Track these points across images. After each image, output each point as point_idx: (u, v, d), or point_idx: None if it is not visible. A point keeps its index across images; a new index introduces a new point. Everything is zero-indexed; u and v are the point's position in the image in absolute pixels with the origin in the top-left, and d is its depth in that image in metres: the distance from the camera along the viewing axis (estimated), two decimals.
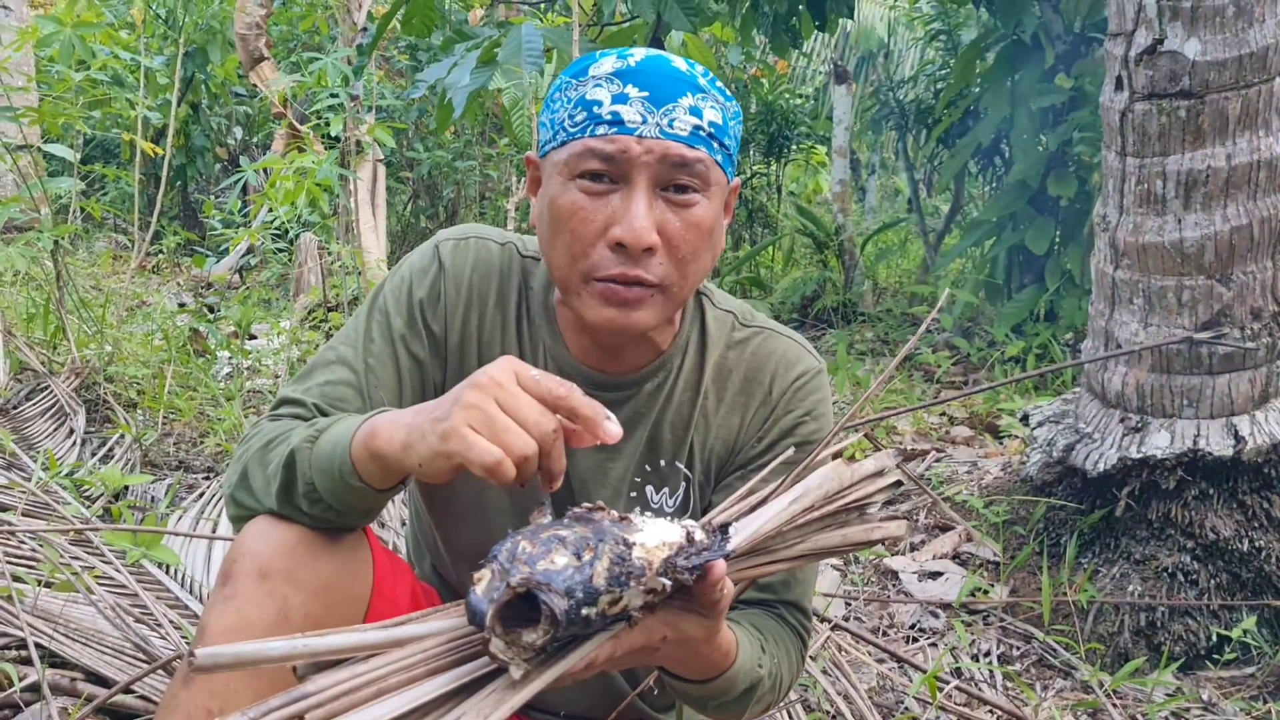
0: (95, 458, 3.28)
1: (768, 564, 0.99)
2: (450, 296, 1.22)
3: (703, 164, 1.08)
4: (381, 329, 1.20)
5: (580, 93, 1.08)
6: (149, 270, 7.65)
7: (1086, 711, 2.18)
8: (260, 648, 0.76)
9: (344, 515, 1.05)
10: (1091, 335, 2.64)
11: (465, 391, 0.90)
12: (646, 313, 1.11)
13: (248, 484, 1.09)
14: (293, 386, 1.18)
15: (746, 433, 1.26)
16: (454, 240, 1.24)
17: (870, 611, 2.61)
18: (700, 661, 1.02)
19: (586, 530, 0.82)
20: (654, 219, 1.07)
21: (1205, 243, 2.33)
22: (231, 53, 8.39)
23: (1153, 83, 2.35)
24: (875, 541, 1.04)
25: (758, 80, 9.15)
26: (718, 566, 0.86)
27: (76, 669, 1.69)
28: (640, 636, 0.88)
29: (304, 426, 1.07)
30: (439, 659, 0.80)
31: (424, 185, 10.29)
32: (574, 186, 1.08)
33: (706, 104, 1.09)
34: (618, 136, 1.06)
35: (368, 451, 0.98)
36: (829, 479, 1.01)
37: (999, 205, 5.39)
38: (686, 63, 1.10)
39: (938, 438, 3.90)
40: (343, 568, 1.08)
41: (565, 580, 0.76)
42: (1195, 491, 2.38)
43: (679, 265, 1.10)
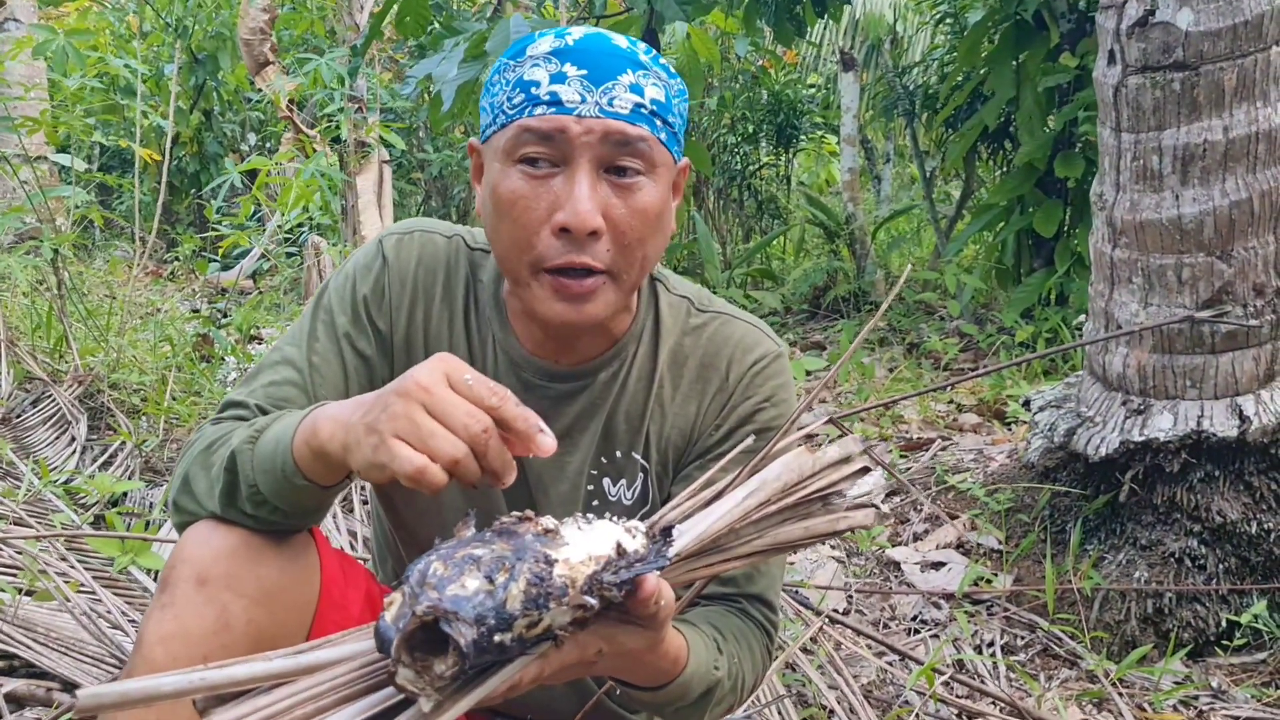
0: (95, 465, 3.28)
1: (723, 561, 0.95)
2: (395, 292, 1.19)
3: (645, 142, 1.04)
4: (327, 327, 1.17)
5: (518, 74, 1.05)
6: (164, 278, 7.69)
7: (1092, 701, 2.13)
8: (152, 684, 0.71)
9: (290, 515, 1.03)
10: (1091, 316, 2.58)
11: (392, 399, 0.86)
12: (598, 304, 1.08)
13: (189, 489, 1.06)
14: (238, 389, 1.16)
15: (704, 421, 1.22)
16: (398, 235, 1.21)
17: (872, 603, 2.56)
18: (646, 671, 0.98)
19: (507, 547, 0.77)
20: (598, 202, 1.03)
21: (1204, 219, 2.27)
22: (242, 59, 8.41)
23: (1146, 55, 2.29)
24: (841, 532, 0.99)
25: (766, 71, 9.08)
26: (648, 582, 0.81)
27: (54, 679, 1.67)
28: (573, 653, 0.83)
29: (244, 427, 1.04)
30: (351, 685, 0.75)
31: (435, 186, 10.29)
32: (515, 172, 1.05)
33: (648, 81, 1.05)
34: (556, 116, 1.02)
35: (310, 450, 0.95)
36: (788, 469, 0.96)
37: (1007, 189, 5.32)
38: (627, 40, 1.07)
39: (945, 426, 3.84)
40: (287, 572, 1.05)
41: (475, 607, 0.71)
42: (1201, 474, 2.32)
43: (626, 250, 1.06)
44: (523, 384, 1.20)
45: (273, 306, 6.74)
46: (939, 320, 5.78)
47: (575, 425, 1.22)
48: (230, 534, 1.04)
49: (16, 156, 4.15)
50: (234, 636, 1.01)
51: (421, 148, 9.62)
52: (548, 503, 1.22)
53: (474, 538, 0.79)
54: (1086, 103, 4.76)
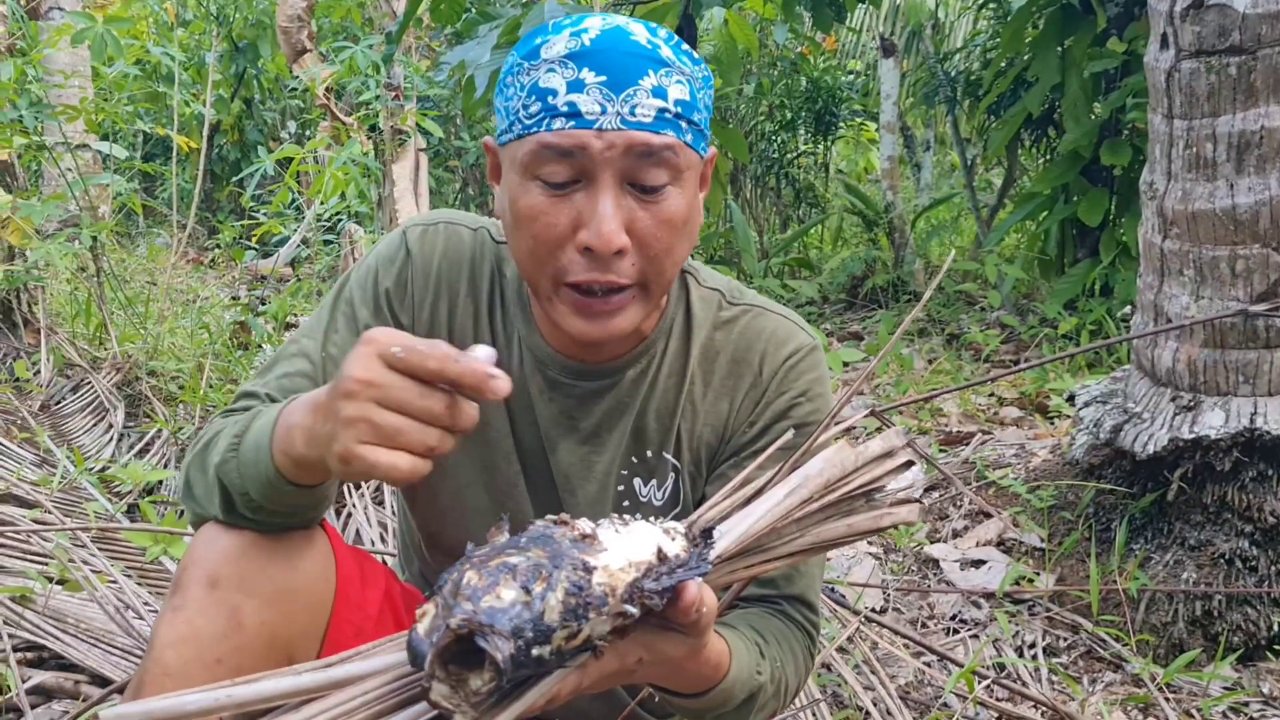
0: (132, 452, 3.30)
1: (765, 562, 0.91)
2: (418, 285, 1.16)
3: (671, 150, 0.99)
4: (347, 319, 1.15)
5: (533, 78, 0.99)
6: (205, 264, 7.76)
7: (1138, 706, 2.07)
8: (176, 703, 0.68)
9: (291, 516, 1.00)
10: (1140, 310, 2.51)
11: (340, 404, 0.80)
12: (624, 319, 1.04)
13: (192, 493, 1.05)
14: (254, 380, 1.14)
15: (737, 418, 1.18)
16: (422, 226, 1.18)
17: (910, 602, 2.51)
18: (686, 678, 0.95)
19: (543, 553, 0.73)
20: (622, 218, 0.98)
21: (1260, 208, 2.19)
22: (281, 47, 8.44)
23: (1200, 39, 2.21)
24: (884, 529, 0.96)
25: (804, 57, 8.97)
26: (689, 590, 0.77)
27: (82, 671, 1.66)
28: (612, 662, 0.80)
29: (230, 426, 1.01)
30: (384, 700, 0.72)
31: (472, 174, 10.30)
32: (534, 187, 1.00)
33: (671, 80, 0.99)
34: (575, 131, 0.97)
35: (290, 459, 0.92)
36: (830, 465, 0.92)
37: (1051, 177, 5.20)
38: (647, 29, 1.01)
39: (985, 419, 3.77)
40: (300, 571, 1.03)
41: (512, 620, 0.67)
42: (1253, 473, 2.24)
43: (653, 261, 1.02)
44: (549, 382, 1.17)
45: (310, 294, 6.77)
46: (979, 311, 5.68)
47: (603, 424, 1.18)
48: (239, 535, 1.01)
49: (59, 144, 4.18)
50: (246, 638, 0.99)
51: (458, 135, 9.61)
52: (575, 504, 1.18)
53: (508, 544, 0.75)
54: (1134, 89, 4.64)
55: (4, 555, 1.98)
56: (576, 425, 1.18)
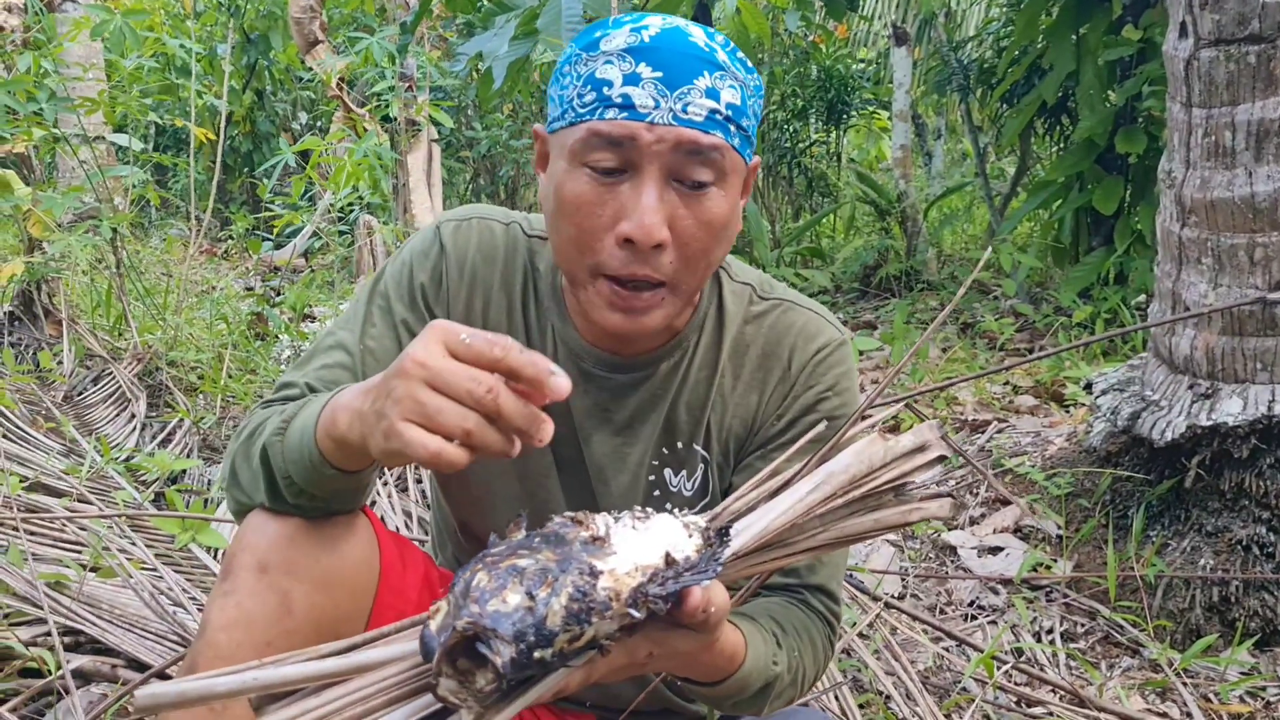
0: (155, 442, 3.34)
1: (788, 555, 0.92)
2: (453, 280, 1.18)
3: (718, 150, 1.01)
4: (383, 313, 1.17)
5: (590, 69, 1.01)
6: (219, 256, 7.79)
7: (1155, 691, 2.09)
8: (207, 684, 0.71)
9: (332, 501, 1.02)
10: (1158, 297, 2.52)
11: (394, 382, 0.82)
12: (655, 316, 1.06)
13: (237, 481, 1.07)
14: (292, 370, 1.15)
15: (765, 410, 1.20)
16: (455, 221, 1.20)
17: (928, 588, 2.53)
18: (700, 669, 0.97)
19: (552, 556, 0.75)
20: (664, 213, 1.00)
21: (1278, 197, 2.20)
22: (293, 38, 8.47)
23: (1219, 27, 2.21)
24: (914, 523, 0.96)
25: (816, 46, 8.96)
26: (693, 595, 0.79)
27: (118, 655, 1.70)
28: (621, 656, 0.82)
29: (275, 415, 1.03)
30: (401, 687, 0.74)
31: (483, 164, 10.31)
32: (581, 174, 1.02)
33: (725, 84, 1.01)
34: (627, 122, 0.98)
35: (332, 441, 0.94)
36: (858, 460, 0.92)
37: (1065, 165, 5.20)
38: (705, 33, 1.02)
39: (1000, 407, 3.78)
40: (346, 557, 1.05)
41: (515, 624, 0.70)
42: (1270, 459, 2.25)
43: (689, 261, 1.04)
44: (583, 374, 1.19)
45: (325, 285, 6.80)
46: (993, 300, 5.69)
47: (636, 416, 1.20)
48: (287, 522, 1.04)
49: (75, 136, 4.21)
50: (296, 622, 1.01)
51: (470, 125, 9.63)
52: (608, 494, 1.20)
53: (521, 543, 0.77)
54: (1150, 76, 4.64)
55: (38, 543, 2.02)
56: (610, 417, 1.20)
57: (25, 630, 1.69)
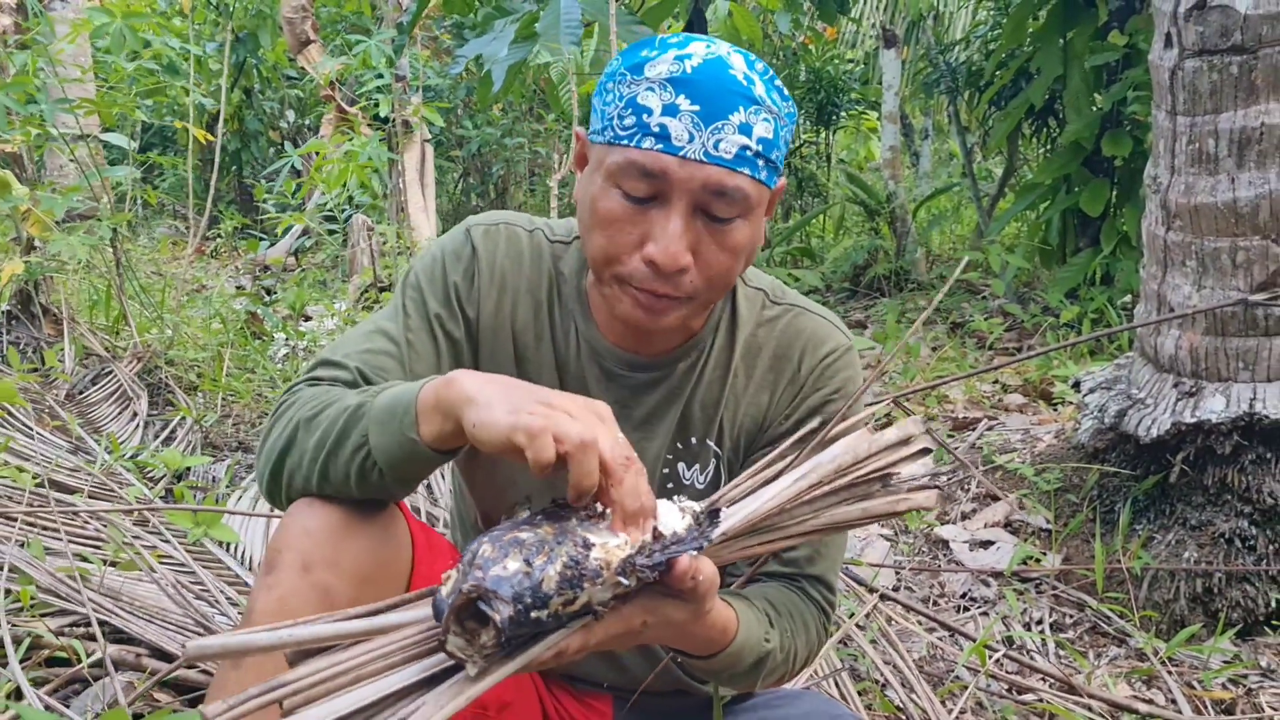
0: (158, 440, 3.38)
1: (780, 539, 0.99)
2: (484, 282, 1.23)
3: (742, 191, 1.07)
4: (417, 307, 1.21)
5: (634, 93, 1.07)
6: (208, 255, 7.81)
7: (1141, 679, 2.16)
8: (247, 639, 0.79)
9: (384, 479, 1.04)
10: (1144, 299, 2.59)
11: (550, 393, 0.92)
12: (673, 318, 1.12)
13: (291, 451, 1.08)
14: (331, 350, 1.18)
15: (775, 410, 1.26)
16: (484, 226, 1.25)
17: (921, 581, 2.60)
18: (693, 640, 1.03)
19: (551, 530, 0.84)
20: (689, 241, 1.07)
21: (1260, 202, 2.28)
22: (282, 37, 8.49)
23: (1203, 39, 2.29)
24: (901, 513, 1.02)
25: (806, 48, 9.04)
26: (680, 562, 0.87)
27: (141, 645, 1.74)
28: (617, 624, 0.89)
29: (341, 398, 1.07)
30: (416, 647, 0.83)
31: (474, 163, 10.35)
32: (615, 194, 1.08)
33: (759, 118, 1.07)
34: (661, 155, 1.05)
35: (436, 396, 0.98)
36: (845, 452, 1.00)
37: (1053, 167, 5.29)
38: (746, 63, 1.08)
39: (990, 406, 3.86)
40: (383, 547, 1.10)
41: (513, 587, 0.78)
42: (1252, 456, 2.33)
43: (710, 280, 1.10)
44: (604, 373, 1.25)
45: (316, 284, 6.83)
46: (981, 300, 5.77)
47: (654, 413, 1.26)
48: (329, 514, 1.07)
49: (69, 135, 4.23)
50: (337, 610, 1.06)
51: (459, 124, 9.67)
52: None
53: (524, 520, 0.86)
54: (1135, 81, 4.72)
55: (53, 538, 2.06)
56: (630, 413, 1.26)
57: (51, 621, 1.74)
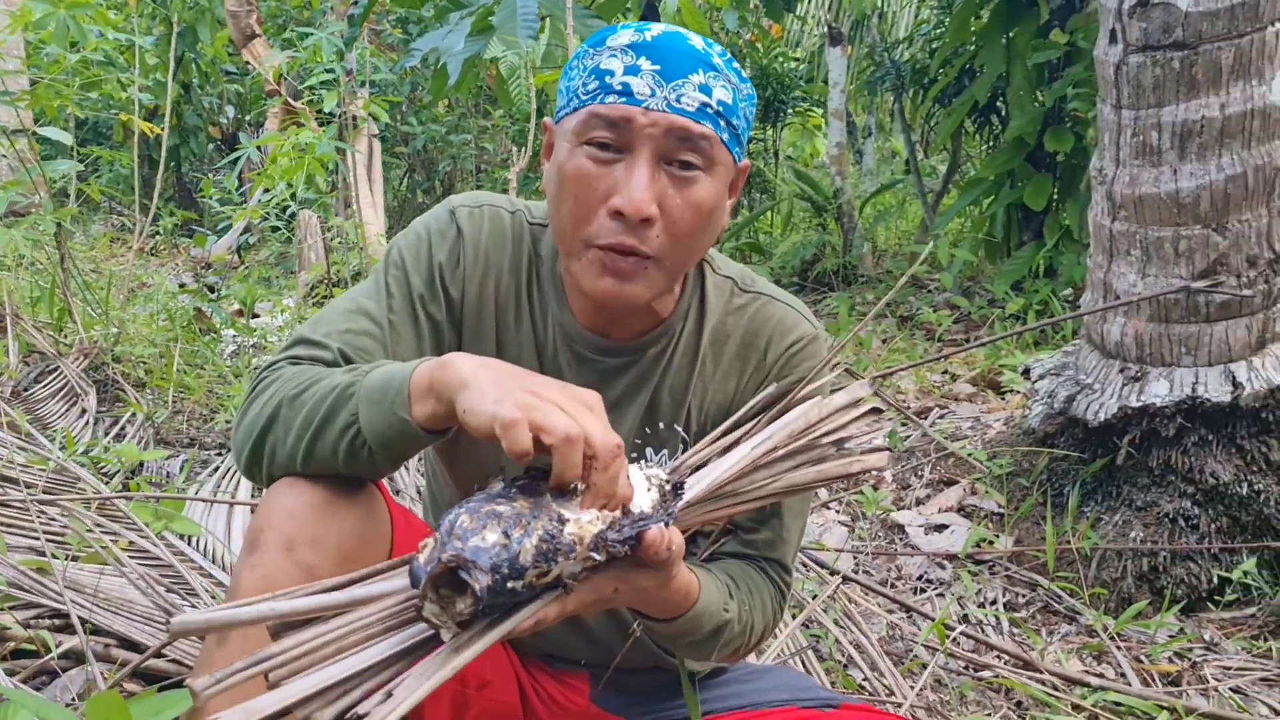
0: (109, 436, 3.32)
1: (743, 503, 1.03)
2: (469, 262, 1.24)
3: (707, 140, 1.10)
4: (400, 286, 1.21)
5: (595, 62, 1.11)
6: (147, 252, 7.67)
7: (1091, 654, 2.23)
8: (232, 613, 0.81)
9: (373, 457, 1.05)
10: (1090, 287, 2.67)
11: (525, 397, 0.92)
12: (642, 286, 1.13)
13: (274, 428, 1.08)
14: (310, 328, 1.17)
15: (742, 396, 1.29)
16: (469, 207, 1.26)
17: (878, 565, 2.66)
18: (659, 604, 1.07)
19: (527, 504, 0.86)
20: (655, 191, 1.09)
21: (1201, 192, 2.36)
22: (221, 30, 8.36)
23: (1146, 35, 2.37)
24: (855, 474, 1.07)
25: (753, 45, 9.11)
26: (649, 535, 0.91)
27: (110, 636, 1.73)
28: (590, 592, 0.93)
29: (328, 377, 1.07)
30: (397, 617, 0.85)
31: (420, 160, 10.27)
32: (581, 153, 1.10)
33: (717, 83, 1.10)
34: (624, 106, 1.08)
35: (430, 378, 0.99)
36: (798, 418, 1.05)
37: (996, 163, 5.40)
38: (704, 41, 1.12)
39: (941, 395, 3.94)
40: (364, 526, 1.10)
41: (491, 558, 0.81)
42: (1195, 438, 2.42)
43: (676, 240, 1.12)
44: (576, 357, 1.27)
45: (261, 281, 6.75)
46: (928, 293, 5.88)
47: (623, 398, 1.28)
48: (313, 494, 1.07)
49: (7, 129, 4.13)
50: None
51: (405, 120, 9.59)
52: None
53: (499, 492, 0.88)
54: (1075, 79, 4.85)
55: (11, 532, 2.03)
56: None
57: (15, 614, 1.71)
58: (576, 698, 1.38)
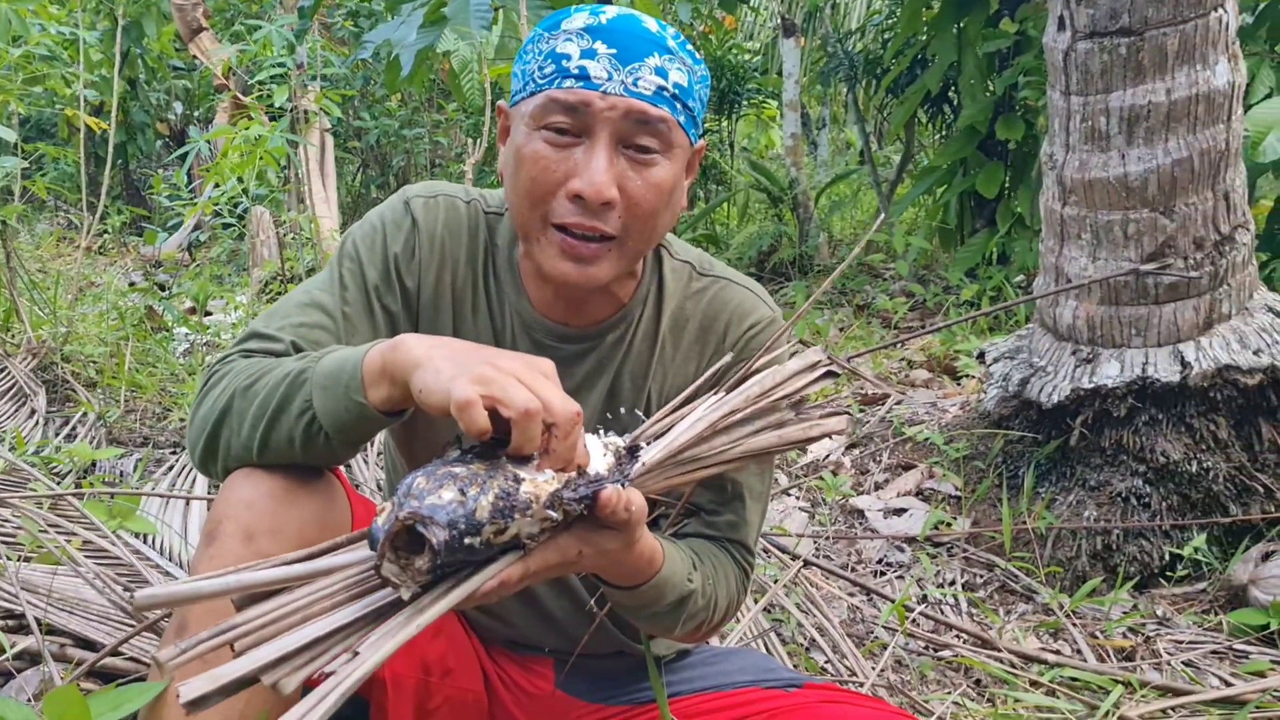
0: (60, 436, 3.27)
1: (705, 468, 1.04)
2: (424, 253, 1.23)
3: (665, 123, 1.10)
4: (355, 278, 1.21)
5: (551, 46, 1.11)
6: (95, 250, 7.53)
7: (1048, 631, 2.27)
8: (195, 586, 0.81)
9: (329, 443, 1.05)
10: (1043, 271, 2.71)
11: (497, 358, 0.92)
12: (603, 267, 1.13)
13: (228, 420, 1.08)
14: (263, 322, 1.16)
15: None
16: (424, 197, 1.25)
17: (839, 549, 2.68)
18: (623, 569, 1.07)
19: (482, 466, 0.87)
20: (614, 174, 1.09)
21: (1149, 176, 2.40)
22: (168, 25, 8.21)
23: (1094, 21, 2.40)
24: (815, 438, 1.08)
25: (706, 36, 9.12)
26: (605, 491, 0.91)
27: (66, 635, 1.70)
28: (554, 554, 0.93)
29: (279, 366, 1.07)
30: (359, 585, 0.86)
31: (373, 154, 10.17)
32: (539, 136, 1.10)
33: (673, 65, 1.11)
34: (582, 90, 1.08)
35: (383, 361, 0.99)
36: (753, 384, 1.06)
37: (949, 152, 5.46)
38: (657, 24, 1.12)
39: (898, 381, 3.98)
40: (324, 514, 1.09)
41: (448, 514, 0.82)
42: (1145, 418, 2.46)
43: (636, 221, 1.12)
44: (535, 344, 1.26)
45: (213, 278, 6.66)
46: (884, 281, 5.93)
47: (584, 384, 1.29)
48: (271, 484, 1.07)
49: None
50: None
51: (358, 115, 9.49)
52: None
53: (457, 458, 0.89)
54: (1026, 67, 4.91)
55: None
56: (560, 384, 1.28)
57: None
58: (541, 683, 1.38)
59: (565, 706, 1.37)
